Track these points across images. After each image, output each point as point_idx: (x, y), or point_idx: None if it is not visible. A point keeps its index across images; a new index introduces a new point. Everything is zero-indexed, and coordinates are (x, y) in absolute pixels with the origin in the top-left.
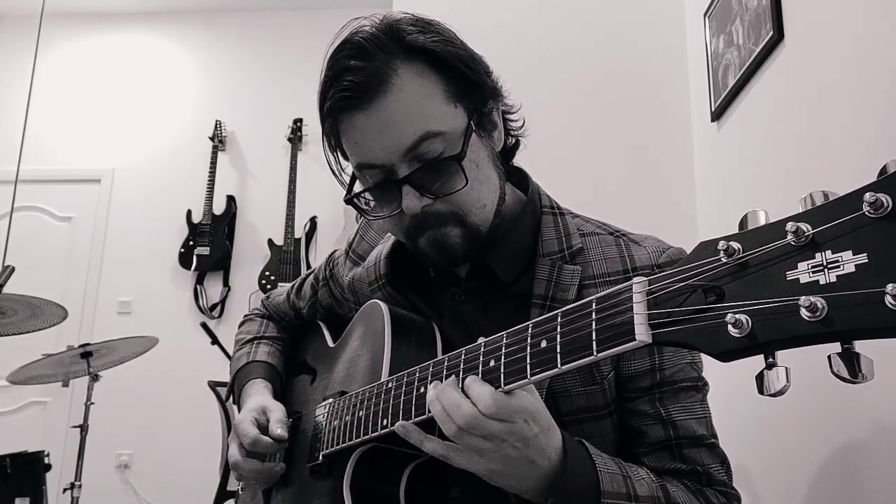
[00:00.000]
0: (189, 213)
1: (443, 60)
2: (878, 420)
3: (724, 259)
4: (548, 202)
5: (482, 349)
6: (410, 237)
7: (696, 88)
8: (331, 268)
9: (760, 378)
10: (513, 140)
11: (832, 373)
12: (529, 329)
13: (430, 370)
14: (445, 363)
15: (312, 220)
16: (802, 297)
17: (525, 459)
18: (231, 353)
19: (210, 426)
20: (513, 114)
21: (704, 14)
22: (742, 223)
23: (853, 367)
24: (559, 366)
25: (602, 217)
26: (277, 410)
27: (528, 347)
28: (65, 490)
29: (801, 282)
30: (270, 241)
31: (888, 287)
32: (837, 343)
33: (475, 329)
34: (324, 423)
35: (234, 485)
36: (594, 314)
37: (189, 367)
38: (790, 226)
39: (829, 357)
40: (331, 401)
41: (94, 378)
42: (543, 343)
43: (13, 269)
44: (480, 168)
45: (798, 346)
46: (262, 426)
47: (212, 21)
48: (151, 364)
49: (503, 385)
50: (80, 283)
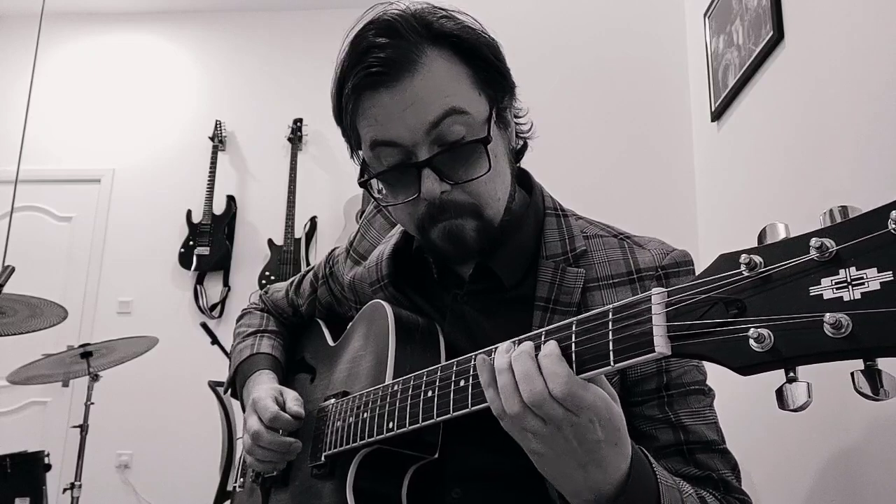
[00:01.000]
0: (189, 213)
1: (470, 47)
2: (880, 423)
3: (746, 273)
4: (551, 203)
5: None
6: (423, 227)
7: (696, 88)
8: (331, 266)
9: (781, 393)
10: (521, 142)
11: (855, 389)
12: (542, 337)
13: (438, 374)
14: (454, 367)
15: (312, 220)
16: (827, 314)
17: (576, 460)
18: (231, 346)
19: (210, 426)
20: (521, 117)
21: (704, 14)
22: (761, 236)
23: (875, 385)
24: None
25: (601, 217)
26: (291, 392)
27: None
28: (65, 490)
29: (825, 298)
30: (270, 241)
31: None
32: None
33: (477, 331)
34: (326, 424)
35: (234, 485)
36: (611, 324)
37: (189, 367)
38: (814, 241)
39: (852, 374)
40: (333, 401)
41: (94, 378)
42: None
43: (13, 269)
44: (499, 159)
45: (821, 362)
46: (281, 405)
47: (212, 21)
48: (151, 364)
49: None
50: (80, 283)
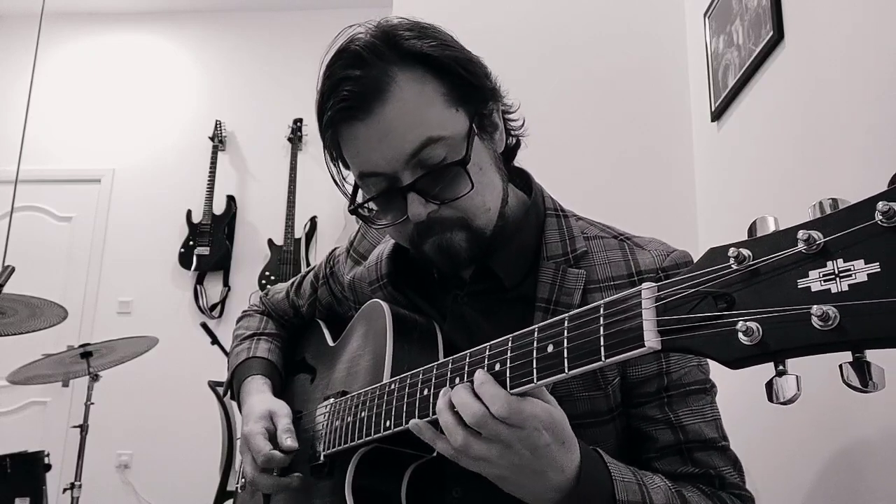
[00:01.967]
0: (189, 213)
1: (441, 65)
2: (881, 422)
3: (735, 266)
4: (551, 204)
5: (487, 352)
6: (415, 244)
7: (696, 88)
8: (331, 266)
9: (770, 386)
10: (513, 140)
11: (843, 381)
12: (535, 333)
13: (434, 372)
14: (450, 365)
15: (312, 220)
16: (814, 306)
17: (532, 469)
18: (229, 349)
19: (210, 426)
20: (512, 113)
21: (704, 14)
22: (751, 230)
23: (864, 376)
24: (566, 371)
25: (602, 217)
26: (284, 416)
27: (535, 352)
28: (65, 490)
29: (813, 290)
30: (270, 241)
31: None
32: (848, 352)
33: (476, 331)
34: (325, 423)
35: (234, 485)
36: (602, 319)
37: (189, 367)
38: (802, 234)
39: (841, 366)
40: (332, 400)
41: (94, 378)
42: (550, 347)
43: (13, 269)
44: (484, 171)
45: (809, 355)
46: (272, 436)
47: (212, 21)
48: (151, 364)
49: (508, 389)
50: (80, 283)
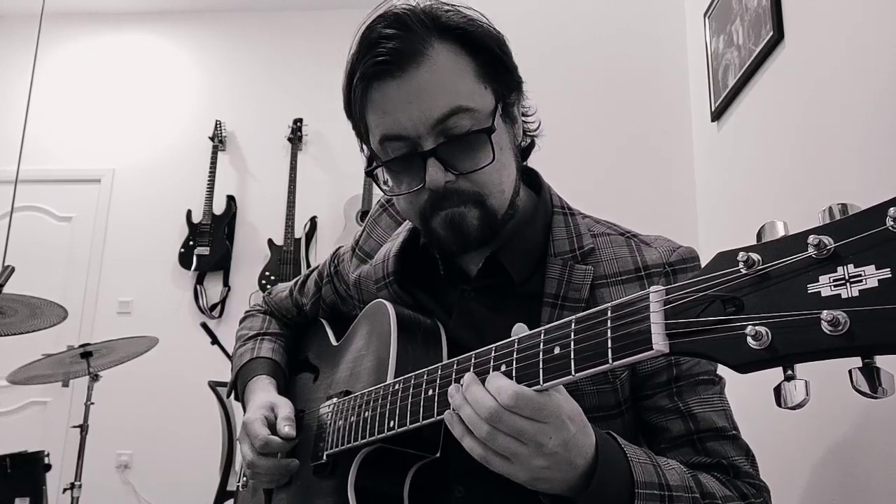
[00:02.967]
0: (189, 213)
1: (476, 41)
2: (878, 421)
3: (744, 270)
4: (559, 202)
5: (493, 353)
6: (425, 216)
7: (696, 88)
8: (335, 264)
9: (779, 390)
10: (528, 140)
11: (852, 387)
12: (542, 335)
13: (439, 373)
14: (455, 366)
15: (312, 220)
16: (824, 311)
17: (566, 462)
18: (232, 350)
19: (210, 426)
20: (530, 116)
21: (704, 14)
22: (759, 234)
23: (873, 382)
24: (573, 373)
25: (602, 216)
26: (285, 407)
27: (541, 353)
28: (65, 490)
29: (823, 295)
30: (270, 241)
31: None
32: (857, 357)
33: (483, 328)
34: (328, 423)
35: (234, 485)
36: (609, 322)
37: (189, 367)
38: (812, 238)
39: (850, 371)
40: (335, 400)
41: (94, 378)
42: (557, 349)
43: (13, 269)
44: (504, 151)
45: (818, 360)
46: (272, 424)
47: (212, 21)
48: (151, 364)
49: None
50: (80, 283)
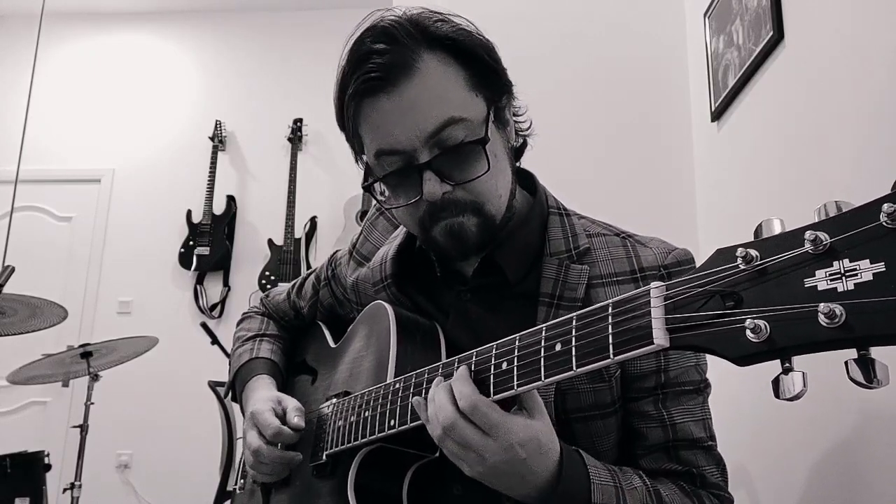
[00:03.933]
0: (189, 213)
1: (465, 49)
2: (876, 417)
3: (742, 266)
4: (555, 203)
5: (494, 351)
6: (424, 227)
7: (696, 88)
8: (333, 268)
9: (777, 383)
10: (520, 140)
11: (848, 377)
12: (543, 332)
13: (440, 371)
14: (456, 364)
15: (312, 220)
16: (821, 304)
17: (512, 475)
18: (230, 351)
19: (210, 426)
20: (521, 115)
21: (704, 14)
22: (757, 231)
23: (869, 373)
24: (574, 368)
25: (602, 216)
26: (292, 401)
27: (542, 350)
28: (65, 490)
29: (819, 289)
30: (270, 241)
31: None
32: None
33: (480, 328)
34: (327, 423)
35: (234, 485)
36: (610, 318)
37: (189, 367)
38: (808, 234)
39: (846, 363)
40: (334, 401)
41: (94, 378)
42: (558, 346)
43: (13, 269)
44: (498, 158)
45: (815, 352)
46: (280, 416)
47: (212, 21)
48: (151, 364)
49: (516, 387)
50: (80, 283)
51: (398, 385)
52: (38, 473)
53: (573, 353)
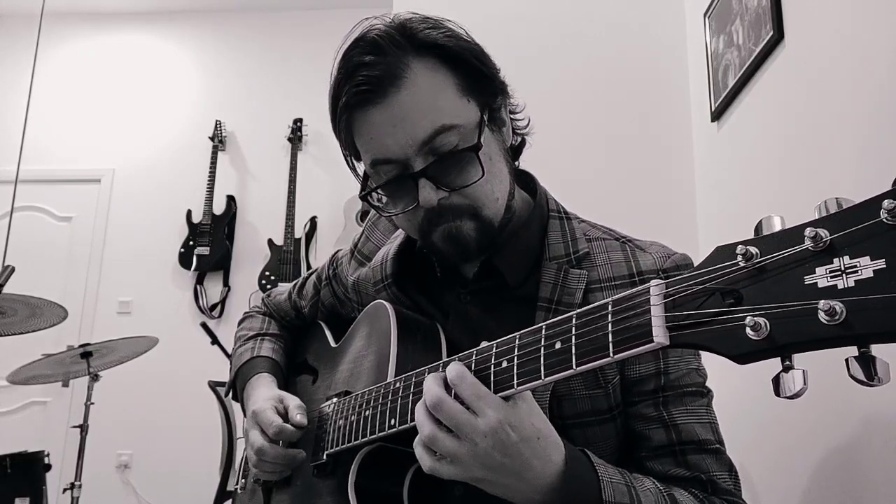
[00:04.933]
0: (189, 213)
1: (454, 55)
2: (878, 418)
3: (742, 263)
4: (555, 206)
5: (494, 350)
6: (424, 232)
7: (696, 88)
8: (334, 267)
9: (777, 381)
10: (518, 139)
11: (849, 375)
12: (543, 331)
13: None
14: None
15: (312, 220)
16: (821, 302)
17: (507, 470)
18: (231, 350)
19: (210, 426)
20: (518, 113)
21: (704, 14)
22: (757, 229)
23: (869, 370)
24: (574, 367)
25: (602, 216)
26: (293, 399)
27: (542, 349)
28: (65, 490)
29: (820, 286)
30: (270, 241)
31: None
32: (854, 346)
33: (479, 330)
34: (328, 423)
35: (234, 485)
36: (610, 316)
37: (189, 367)
38: (808, 231)
39: (847, 360)
40: (335, 400)
41: (94, 378)
42: (558, 344)
43: (13, 269)
44: (493, 161)
45: (816, 349)
46: (282, 414)
47: (212, 21)
48: (151, 364)
49: (516, 386)
50: (80, 283)
51: (398, 384)
52: (38, 473)
53: (573, 352)
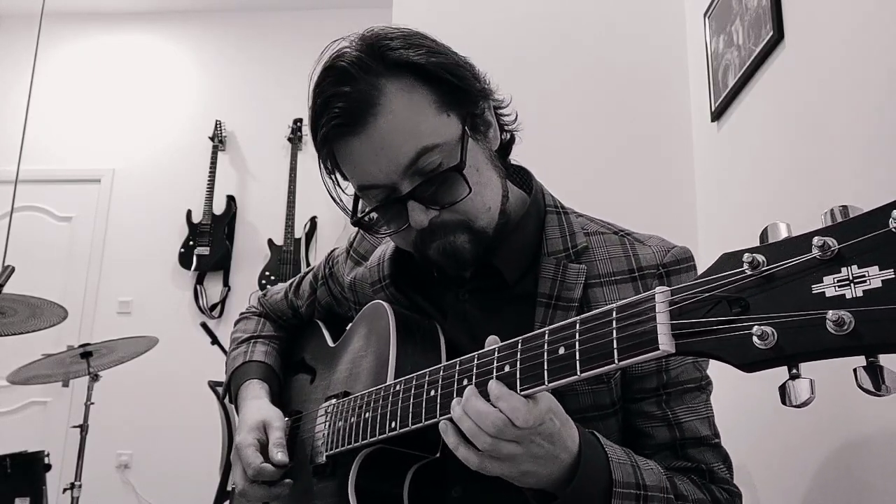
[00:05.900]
0: (189, 213)
1: (428, 73)
2: (880, 420)
3: (749, 271)
4: (552, 201)
5: (496, 353)
6: (419, 249)
7: (696, 88)
8: (330, 266)
9: (784, 389)
10: (507, 135)
11: (857, 385)
12: (546, 335)
13: (441, 374)
14: (457, 367)
15: (312, 220)
16: (830, 311)
17: (551, 456)
18: (227, 351)
19: (210, 426)
20: (504, 108)
21: (704, 14)
22: (763, 236)
23: (877, 380)
24: (578, 373)
25: (602, 217)
26: (276, 428)
27: (546, 354)
28: (65, 490)
29: (827, 295)
30: (270, 241)
31: None
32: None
33: (478, 329)
34: (327, 424)
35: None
36: (615, 322)
37: (189, 367)
38: (816, 240)
39: (855, 370)
40: (334, 401)
41: (94, 378)
42: (562, 350)
43: (13, 269)
44: (481, 172)
45: (824, 359)
46: (265, 446)
47: (212, 21)
48: (151, 364)
49: (518, 391)
50: (80, 283)
51: (399, 387)
52: (38, 473)
53: (577, 358)
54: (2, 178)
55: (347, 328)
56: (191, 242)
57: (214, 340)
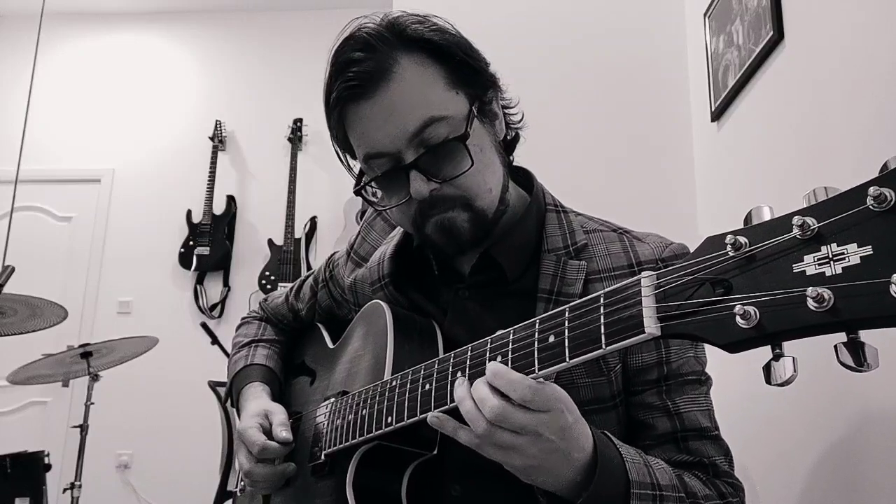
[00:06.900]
0: (189, 213)
1: (442, 49)
2: (879, 415)
3: (732, 253)
4: (552, 201)
5: (489, 345)
6: (418, 225)
7: (696, 88)
8: (330, 269)
9: (768, 368)
10: (513, 133)
11: (838, 361)
12: (536, 325)
13: (436, 367)
14: (451, 360)
15: (312, 220)
16: (809, 289)
17: (562, 452)
18: (229, 356)
19: (210, 426)
20: (512, 108)
21: (704, 14)
22: (747, 219)
23: (858, 356)
24: (567, 360)
25: (602, 217)
26: (279, 413)
27: (536, 342)
28: (65, 490)
29: (808, 274)
30: (270, 241)
31: (893, 277)
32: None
33: (479, 325)
34: (325, 423)
35: (234, 485)
36: (602, 308)
37: (189, 367)
38: (796, 220)
39: (836, 346)
40: (332, 400)
41: (94, 378)
42: (551, 338)
43: (13, 269)
44: (484, 152)
45: (805, 336)
46: (267, 431)
47: (212, 21)
48: (151, 364)
49: None
50: (80, 283)
51: (395, 382)
52: (38, 473)
53: (566, 345)
54: (2, 178)
55: (347, 329)
56: (191, 242)
57: (214, 340)
